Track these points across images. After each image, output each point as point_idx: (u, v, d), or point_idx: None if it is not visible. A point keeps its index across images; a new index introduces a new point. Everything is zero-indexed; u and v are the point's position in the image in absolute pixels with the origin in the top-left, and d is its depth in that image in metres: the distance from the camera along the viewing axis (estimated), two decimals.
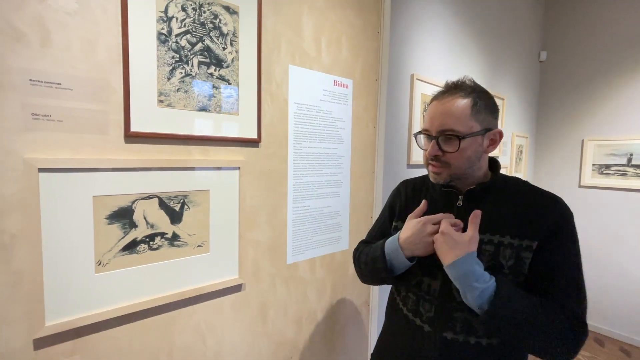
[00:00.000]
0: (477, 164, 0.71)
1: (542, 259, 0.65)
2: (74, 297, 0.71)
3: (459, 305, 0.69)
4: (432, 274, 0.74)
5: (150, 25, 0.77)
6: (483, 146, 0.70)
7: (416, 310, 0.76)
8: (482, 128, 0.68)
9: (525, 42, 2.75)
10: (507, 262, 0.66)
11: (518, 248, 0.66)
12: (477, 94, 0.69)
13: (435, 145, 0.69)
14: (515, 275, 0.66)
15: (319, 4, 1.10)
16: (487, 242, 0.68)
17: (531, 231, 0.66)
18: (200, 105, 0.86)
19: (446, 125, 0.68)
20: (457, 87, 0.70)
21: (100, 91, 0.72)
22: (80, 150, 0.70)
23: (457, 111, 0.67)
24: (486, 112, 0.68)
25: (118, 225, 0.75)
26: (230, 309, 0.97)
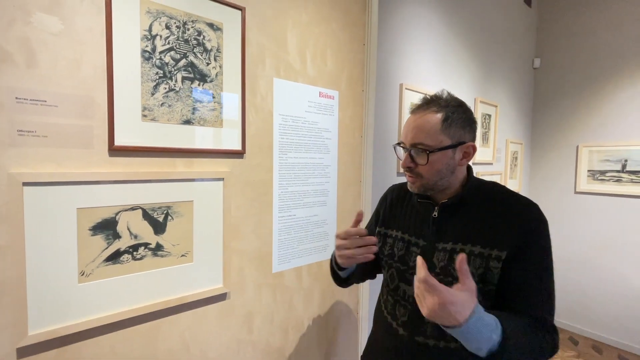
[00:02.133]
0: (451, 176, 0.74)
1: (513, 271, 0.66)
2: (57, 307, 0.73)
3: None
4: (407, 281, 0.79)
5: (134, 44, 0.80)
6: (455, 159, 0.72)
7: (393, 314, 0.80)
8: (454, 142, 0.71)
9: (518, 49, 2.78)
10: (477, 271, 0.69)
11: (487, 257, 0.68)
12: (450, 109, 0.71)
13: (408, 157, 0.73)
14: (484, 284, 0.68)
15: (304, 19, 1.14)
16: (458, 252, 0.71)
17: (501, 241, 0.68)
18: (184, 119, 0.89)
19: (417, 139, 0.71)
20: (431, 102, 0.73)
21: (85, 107, 0.75)
22: (64, 164, 0.73)
23: (427, 126, 0.70)
24: (458, 126, 0.71)
25: (102, 236, 0.78)
26: (215, 318, 0.99)
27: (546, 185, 2.98)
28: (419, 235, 0.79)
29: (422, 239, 0.78)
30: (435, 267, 0.74)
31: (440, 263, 0.73)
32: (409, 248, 0.79)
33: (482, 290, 0.69)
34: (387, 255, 0.84)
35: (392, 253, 0.83)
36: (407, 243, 0.80)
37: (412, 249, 0.79)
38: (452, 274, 0.72)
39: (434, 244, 0.75)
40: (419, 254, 0.77)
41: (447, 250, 0.73)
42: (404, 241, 0.81)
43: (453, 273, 0.71)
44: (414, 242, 0.79)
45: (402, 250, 0.81)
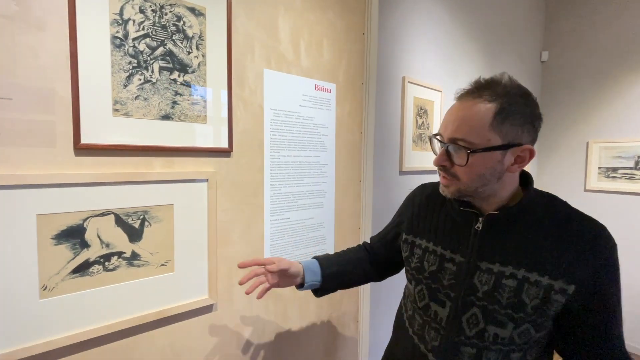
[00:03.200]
0: (496, 184, 0.60)
1: (583, 309, 0.57)
2: (16, 326, 0.65)
3: (467, 339, 0.62)
4: (439, 301, 0.66)
5: (102, 29, 0.71)
6: (504, 164, 0.58)
7: (421, 335, 0.69)
8: (506, 142, 0.56)
9: (526, 41, 2.67)
10: (531, 302, 0.57)
11: (547, 288, 0.56)
12: (509, 99, 0.56)
13: (443, 154, 0.61)
14: (539, 316, 0.57)
15: (297, 5, 1.04)
16: (509, 276, 0.59)
17: (568, 271, 0.56)
18: (162, 114, 0.80)
19: (457, 133, 0.58)
20: (485, 87, 0.58)
21: (46, 100, 0.66)
22: (22, 165, 0.64)
23: (474, 118, 0.56)
24: (516, 123, 0.56)
25: (67, 245, 0.69)
26: (200, 332, 0.90)
27: (554, 183, 2.87)
28: (455, 250, 0.66)
29: (460, 254, 0.65)
30: (477, 290, 0.61)
31: (484, 287, 0.60)
32: (443, 264, 0.67)
33: (534, 322, 0.58)
34: (415, 269, 0.72)
35: (422, 267, 0.70)
36: (440, 257, 0.68)
37: (447, 265, 0.66)
38: (500, 302, 0.59)
39: (475, 262, 0.62)
40: (454, 271, 0.64)
41: (493, 273, 0.60)
42: (437, 254, 0.68)
43: (501, 301, 0.59)
44: (448, 257, 0.66)
45: (433, 265, 0.68)
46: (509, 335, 0.59)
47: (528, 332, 0.58)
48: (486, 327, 0.60)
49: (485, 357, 0.60)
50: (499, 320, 0.59)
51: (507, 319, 0.58)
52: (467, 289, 0.62)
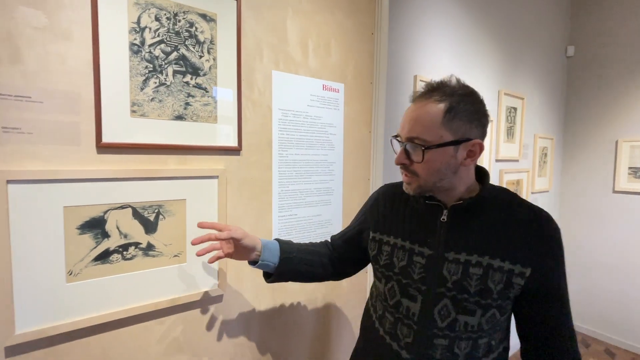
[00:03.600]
0: (453, 177, 0.65)
1: (537, 289, 0.63)
2: (45, 307, 0.72)
3: (440, 331, 0.64)
4: (410, 296, 0.69)
5: (122, 37, 0.77)
6: (457, 158, 0.63)
7: (394, 334, 0.70)
8: (456, 138, 0.61)
9: (549, 36, 2.57)
10: (496, 287, 0.62)
11: (509, 272, 0.62)
12: (456, 98, 0.61)
13: (402, 153, 0.65)
14: (503, 300, 0.63)
15: (305, 7, 1.07)
16: (475, 264, 0.63)
17: (524, 256, 0.62)
18: (176, 115, 0.85)
19: (413, 133, 0.63)
20: (434, 89, 0.64)
21: (71, 103, 0.73)
22: (51, 161, 0.71)
23: (426, 118, 0.62)
24: (464, 119, 0.61)
25: (90, 235, 0.76)
26: (210, 320, 0.96)
27: (580, 184, 2.75)
28: (423, 243, 0.69)
29: (428, 247, 0.68)
30: (447, 281, 0.64)
31: (453, 277, 0.64)
32: (412, 258, 0.69)
33: (499, 306, 0.63)
34: (384, 266, 0.74)
35: (391, 263, 0.73)
36: (408, 252, 0.70)
37: (416, 259, 0.69)
38: (468, 290, 0.62)
39: (442, 253, 0.66)
40: (423, 265, 0.67)
41: (460, 262, 0.64)
42: (405, 249, 0.71)
43: (469, 289, 0.62)
44: (417, 251, 0.69)
45: (403, 260, 0.71)
46: (478, 322, 0.63)
47: (494, 316, 0.63)
48: (457, 317, 0.63)
49: (457, 346, 0.64)
50: (469, 309, 0.63)
51: (476, 307, 0.62)
52: (437, 280, 0.65)
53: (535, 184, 2.53)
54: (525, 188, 2.41)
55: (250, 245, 0.78)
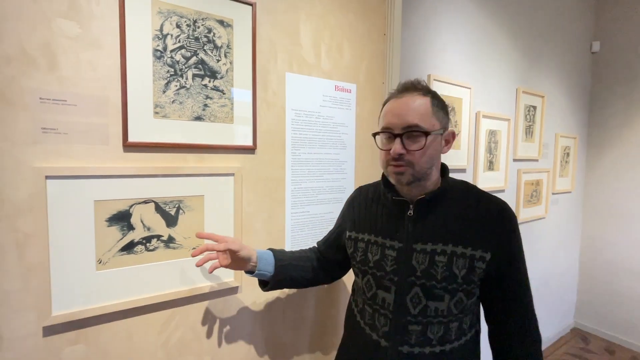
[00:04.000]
0: (435, 165, 0.71)
1: (497, 272, 0.69)
2: (77, 291, 0.79)
3: (413, 318, 0.69)
4: (385, 287, 0.73)
5: (146, 44, 0.83)
6: (442, 145, 0.71)
7: (372, 325, 0.75)
8: (442, 127, 0.70)
9: (573, 31, 2.49)
10: (460, 272, 0.67)
11: (471, 258, 0.67)
12: (432, 93, 0.71)
13: (400, 143, 0.67)
14: (467, 284, 0.68)
15: (318, 10, 1.11)
16: (440, 253, 0.68)
17: (483, 241, 0.68)
18: (195, 115, 0.91)
19: (412, 122, 0.66)
20: (414, 85, 0.71)
21: (101, 106, 0.79)
22: (83, 159, 0.78)
23: (421, 108, 0.68)
24: (442, 111, 0.71)
25: (117, 227, 0.82)
26: (226, 311, 1.01)
27: (607, 184, 2.64)
28: (393, 237, 0.74)
29: (398, 240, 0.73)
30: (416, 270, 0.70)
31: (421, 266, 0.70)
32: (384, 252, 0.75)
33: (465, 290, 0.68)
34: (360, 262, 0.79)
35: (366, 259, 0.78)
36: (381, 246, 0.75)
37: (388, 252, 0.74)
38: (436, 277, 0.68)
39: (411, 245, 0.71)
40: (395, 257, 0.72)
41: (427, 252, 0.70)
42: (378, 244, 0.76)
43: (436, 276, 0.67)
44: (388, 245, 0.74)
45: (376, 254, 0.76)
46: (447, 307, 0.67)
47: (461, 300, 0.69)
48: (427, 303, 0.68)
49: (430, 331, 0.68)
50: (437, 295, 0.68)
51: (444, 292, 0.67)
52: (407, 270, 0.70)
53: (557, 185, 2.45)
54: (546, 188, 2.35)
55: (246, 256, 0.82)
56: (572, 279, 2.79)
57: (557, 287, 2.59)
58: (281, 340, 1.12)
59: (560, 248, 2.58)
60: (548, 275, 2.47)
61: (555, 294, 2.58)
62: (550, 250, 2.48)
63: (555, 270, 2.56)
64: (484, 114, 1.82)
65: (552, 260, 2.50)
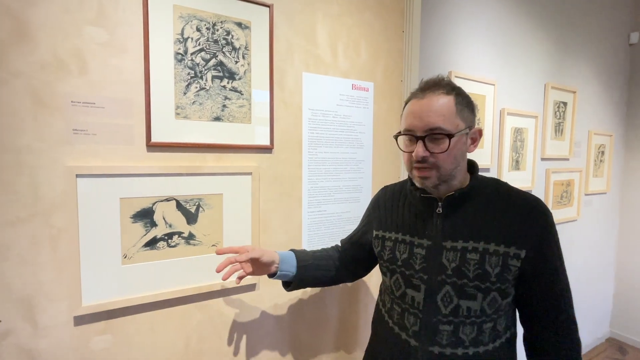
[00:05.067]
0: (461, 164, 0.69)
1: (533, 271, 0.65)
2: (104, 284, 0.83)
3: (444, 317, 0.67)
4: (414, 286, 0.72)
5: (168, 47, 0.86)
6: (467, 145, 0.69)
7: (402, 324, 0.73)
8: (467, 125, 0.67)
9: (608, 22, 2.34)
10: (494, 271, 0.64)
11: (504, 255, 0.64)
12: (457, 91, 0.68)
13: (422, 146, 0.65)
14: (501, 283, 0.65)
15: (334, 10, 1.11)
16: (471, 250, 0.66)
17: (517, 238, 0.65)
18: (214, 116, 0.93)
19: (434, 124, 0.64)
20: (436, 84, 0.68)
21: (126, 108, 0.83)
22: (110, 158, 0.82)
23: (445, 108, 0.65)
24: (468, 109, 0.68)
25: (141, 223, 0.86)
26: (245, 307, 1.03)
27: None
28: (422, 235, 0.72)
29: (427, 238, 0.71)
30: (447, 268, 0.68)
31: (452, 264, 0.67)
32: (413, 250, 0.73)
33: (499, 290, 0.65)
34: (388, 260, 0.77)
35: (394, 257, 0.76)
36: (409, 245, 0.74)
37: (416, 250, 0.72)
38: (468, 276, 0.65)
39: (440, 243, 0.69)
40: (424, 255, 0.71)
41: (457, 250, 0.67)
42: (406, 243, 0.74)
43: (468, 274, 0.65)
44: (417, 243, 0.72)
45: (405, 253, 0.74)
46: (480, 306, 0.64)
47: (495, 300, 0.65)
48: (459, 303, 0.65)
49: (462, 332, 0.66)
50: (469, 294, 0.65)
51: (476, 290, 0.64)
52: (437, 269, 0.68)
53: (590, 185, 2.32)
54: (577, 189, 2.22)
55: (269, 260, 0.83)
56: (607, 285, 2.62)
57: (590, 294, 2.44)
58: (299, 339, 1.13)
59: (594, 252, 2.44)
60: (580, 281, 2.33)
61: (589, 301, 2.44)
62: (583, 254, 2.35)
63: (589, 275, 2.41)
64: (509, 111, 1.75)
65: (585, 264, 2.37)
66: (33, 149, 0.75)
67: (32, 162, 0.75)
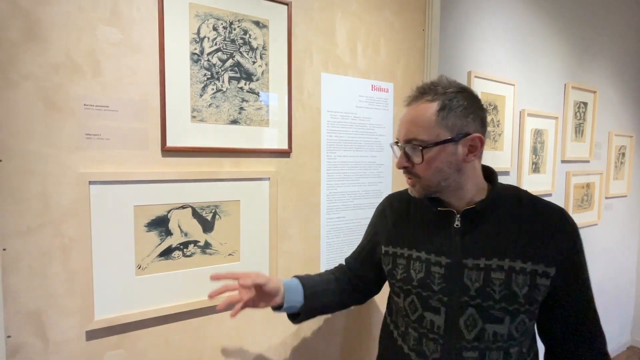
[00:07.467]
0: (458, 176, 0.63)
1: (562, 288, 0.62)
2: (118, 296, 0.79)
3: (468, 343, 0.61)
4: (433, 309, 0.65)
5: (184, 47, 0.82)
6: (458, 155, 0.62)
7: (420, 351, 0.67)
8: (454, 134, 0.60)
9: (630, 18, 2.27)
10: (521, 290, 0.60)
11: (532, 273, 0.60)
12: (448, 96, 0.61)
13: (403, 156, 0.64)
14: (530, 304, 0.60)
15: (353, 8, 1.06)
16: (496, 269, 0.60)
17: (546, 254, 0.60)
18: (230, 119, 0.89)
19: (410, 134, 0.63)
20: (425, 90, 0.64)
21: (141, 111, 0.79)
22: (123, 164, 0.78)
23: (421, 118, 0.62)
24: (459, 115, 0.61)
25: (155, 232, 0.82)
26: (262, 319, 0.98)
27: None
28: (439, 252, 0.66)
29: (445, 255, 0.65)
30: (469, 289, 0.62)
31: (475, 284, 0.62)
32: (430, 268, 0.66)
33: (528, 312, 0.61)
34: (402, 280, 0.70)
35: (408, 277, 0.69)
36: (425, 262, 0.67)
37: (434, 269, 0.66)
38: (493, 297, 0.60)
39: (460, 260, 0.63)
40: (443, 274, 0.64)
41: (480, 268, 0.62)
42: (421, 260, 0.68)
43: (494, 296, 0.60)
44: (434, 261, 0.66)
45: (420, 272, 0.67)
46: (507, 330, 0.60)
47: (523, 323, 0.61)
48: (484, 326, 0.60)
49: (488, 358, 0.61)
50: (496, 317, 0.60)
51: (503, 313, 0.59)
52: (459, 289, 0.62)
53: (610, 188, 2.24)
54: (598, 192, 2.15)
55: (274, 289, 0.71)
56: (629, 291, 2.54)
57: (611, 300, 2.36)
58: (315, 351, 1.08)
59: (614, 257, 2.35)
60: (601, 287, 2.25)
61: (610, 308, 2.35)
62: (604, 260, 2.27)
63: (609, 281, 2.33)
64: (529, 112, 1.69)
65: (605, 270, 2.28)
66: (44, 154, 0.71)
67: (43, 169, 0.71)
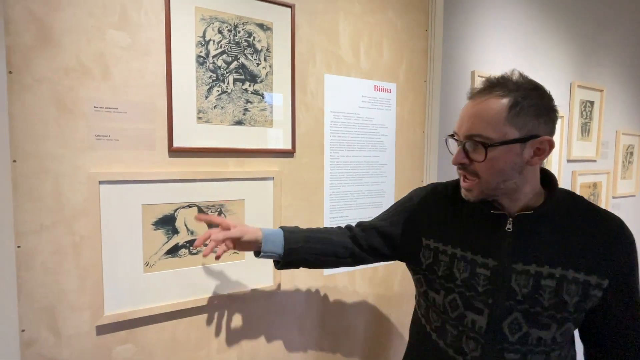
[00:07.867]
0: (518, 178, 0.61)
1: (613, 299, 0.60)
2: (127, 293, 0.82)
3: (511, 345, 0.61)
4: (475, 309, 0.65)
5: (190, 50, 0.84)
6: (523, 157, 0.59)
7: (458, 348, 0.67)
8: (523, 135, 0.57)
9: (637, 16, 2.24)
10: (572, 300, 0.58)
11: (585, 284, 0.58)
12: (521, 93, 0.58)
13: (461, 152, 0.61)
14: (578, 313, 0.60)
15: (356, 9, 1.08)
16: (547, 276, 0.59)
17: (600, 266, 0.58)
18: (235, 120, 0.91)
19: (473, 130, 0.59)
20: (496, 84, 0.60)
21: (148, 112, 0.82)
22: (132, 164, 0.81)
23: (489, 114, 0.58)
24: (531, 115, 0.57)
25: (162, 230, 0.84)
26: (265, 316, 1.00)
27: None
28: (486, 254, 0.64)
29: (492, 258, 0.64)
30: (517, 293, 0.61)
31: (523, 290, 0.60)
32: (475, 269, 0.65)
33: (575, 320, 0.60)
34: (444, 277, 0.69)
35: (452, 275, 0.68)
36: (470, 263, 0.66)
37: (479, 270, 0.64)
38: (542, 304, 0.59)
39: (509, 264, 0.62)
40: (488, 277, 0.63)
41: (530, 274, 0.60)
42: (467, 260, 0.66)
43: (542, 302, 0.59)
44: (480, 262, 0.65)
45: (465, 272, 0.66)
46: (552, 336, 0.59)
47: (569, 330, 0.61)
48: (529, 331, 0.60)
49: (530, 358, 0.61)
50: (543, 323, 0.59)
51: (551, 321, 0.59)
52: (505, 293, 0.61)
53: (618, 188, 2.21)
54: (605, 192, 2.12)
55: (251, 239, 0.74)
56: None
57: None
58: (322, 348, 1.10)
59: None
60: None
61: None
62: None
63: None
64: None
65: None
66: (57, 155, 0.73)
67: (56, 169, 0.74)
